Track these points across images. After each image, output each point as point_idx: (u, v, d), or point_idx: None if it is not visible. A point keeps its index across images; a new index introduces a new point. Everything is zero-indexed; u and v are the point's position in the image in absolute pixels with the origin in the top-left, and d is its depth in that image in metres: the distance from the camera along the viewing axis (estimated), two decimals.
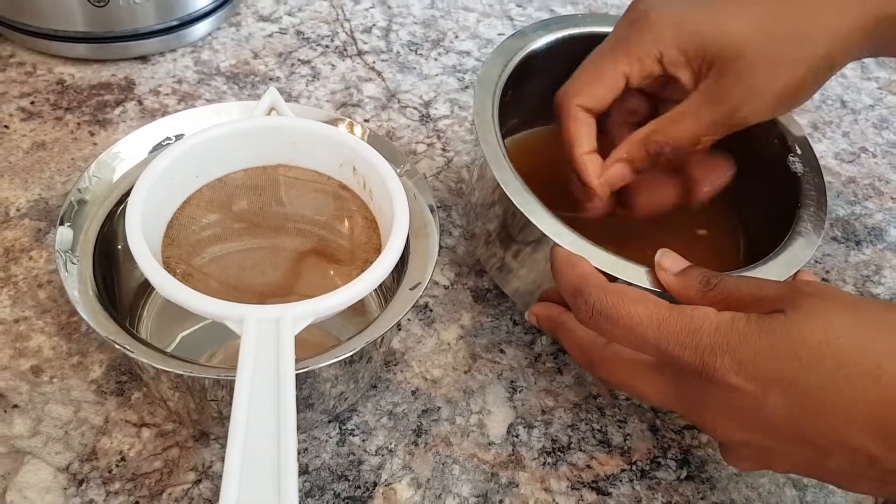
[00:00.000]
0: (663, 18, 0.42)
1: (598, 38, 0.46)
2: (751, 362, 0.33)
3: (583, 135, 0.44)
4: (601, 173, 0.44)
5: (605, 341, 0.39)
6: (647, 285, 0.40)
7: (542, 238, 0.42)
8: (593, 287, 0.37)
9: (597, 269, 0.40)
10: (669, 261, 0.40)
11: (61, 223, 0.40)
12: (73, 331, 0.46)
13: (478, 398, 0.46)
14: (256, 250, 0.45)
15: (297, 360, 0.36)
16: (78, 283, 0.39)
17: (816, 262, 0.57)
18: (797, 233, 0.45)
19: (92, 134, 0.57)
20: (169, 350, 0.45)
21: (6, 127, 0.57)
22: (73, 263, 0.39)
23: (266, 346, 0.35)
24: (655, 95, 0.46)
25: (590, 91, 0.44)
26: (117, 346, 0.36)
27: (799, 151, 0.49)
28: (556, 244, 0.41)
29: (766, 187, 0.51)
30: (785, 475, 0.45)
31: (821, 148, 0.66)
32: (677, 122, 0.43)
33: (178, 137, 0.45)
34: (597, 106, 0.44)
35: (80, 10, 0.59)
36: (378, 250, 0.43)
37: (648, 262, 0.41)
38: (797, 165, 0.48)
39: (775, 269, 0.43)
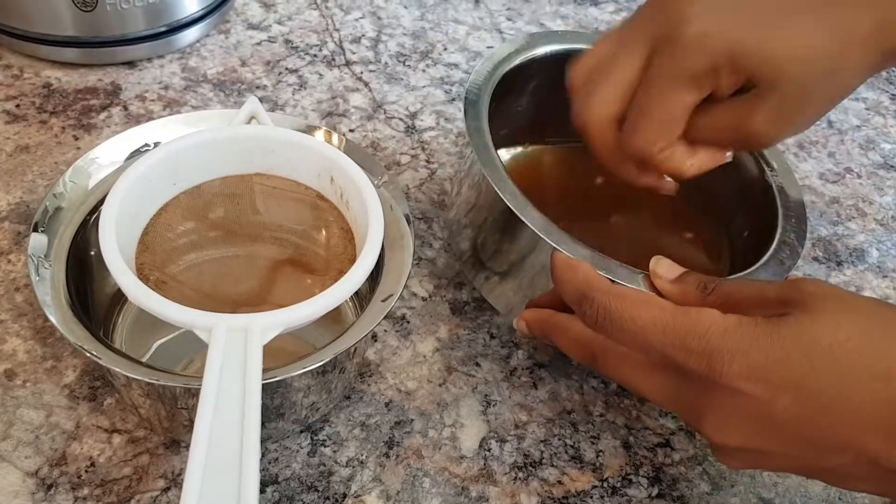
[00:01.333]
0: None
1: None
2: (761, 367, 0.33)
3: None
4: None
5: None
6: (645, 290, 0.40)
7: (534, 246, 0.42)
8: (597, 291, 0.37)
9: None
10: (664, 268, 0.40)
11: (35, 229, 0.40)
12: (48, 335, 0.46)
13: (451, 411, 0.46)
14: (232, 259, 0.45)
15: (267, 369, 0.36)
16: (50, 289, 0.39)
17: None
18: (781, 242, 0.45)
19: (76, 138, 0.57)
20: (144, 359, 0.45)
21: None
22: (45, 268, 0.39)
23: (233, 355, 0.35)
24: None
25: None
26: (86, 353, 0.36)
27: (775, 166, 0.49)
28: (556, 249, 0.41)
29: (746, 200, 0.51)
30: (756, 494, 0.45)
31: (806, 167, 0.66)
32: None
33: (157, 144, 0.45)
34: None
35: (69, 15, 0.60)
36: (353, 261, 0.43)
37: (640, 266, 0.41)
38: (775, 179, 0.49)
39: (763, 277, 0.43)
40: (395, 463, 0.43)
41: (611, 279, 0.40)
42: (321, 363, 0.38)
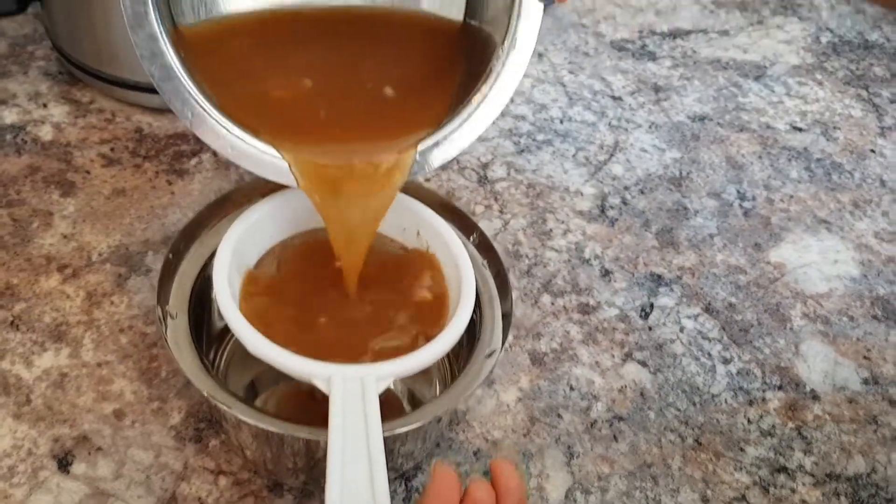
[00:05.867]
0: None
1: None
2: None
3: None
4: None
5: None
6: None
7: None
8: None
9: None
10: None
11: (161, 279, 0.43)
12: (153, 376, 0.48)
13: (537, 461, 0.48)
14: (327, 303, 0.47)
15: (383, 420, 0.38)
16: (176, 338, 0.41)
17: (858, 339, 0.59)
18: None
19: (170, 183, 0.59)
20: None
21: (87, 172, 0.59)
22: (171, 318, 0.41)
23: (353, 404, 0.37)
24: None
25: None
26: (218, 405, 0.38)
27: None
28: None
29: None
30: None
31: (861, 226, 0.68)
32: None
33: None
34: None
35: None
36: (442, 313, 0.45)
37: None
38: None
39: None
40: None
41: None
42: (438, 415, 0.40)
